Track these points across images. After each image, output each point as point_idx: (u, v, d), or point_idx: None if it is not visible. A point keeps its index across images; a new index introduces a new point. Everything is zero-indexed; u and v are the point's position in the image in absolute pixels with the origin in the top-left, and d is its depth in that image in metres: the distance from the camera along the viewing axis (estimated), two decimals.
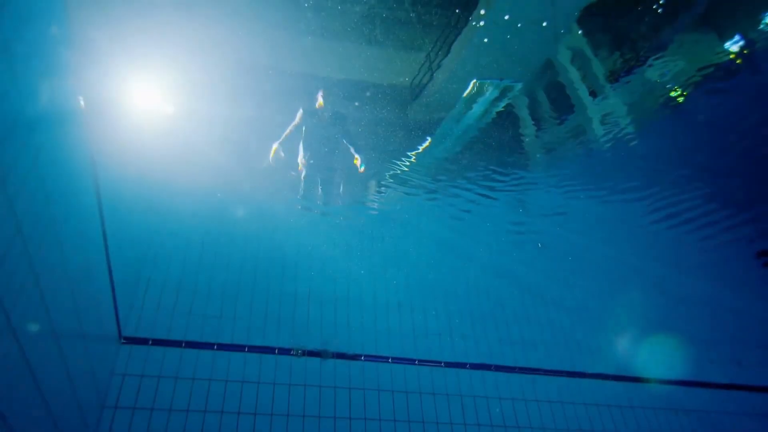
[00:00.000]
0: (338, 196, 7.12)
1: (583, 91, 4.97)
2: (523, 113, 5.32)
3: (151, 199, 4.95)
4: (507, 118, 5.36)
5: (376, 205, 7.27)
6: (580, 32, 4.29)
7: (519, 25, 4.05)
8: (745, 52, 4.20)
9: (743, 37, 4.15)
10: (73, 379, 4.42)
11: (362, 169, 5.91)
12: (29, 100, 2.66)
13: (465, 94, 4.98)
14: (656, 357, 8.83)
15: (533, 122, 5.40)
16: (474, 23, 4.28)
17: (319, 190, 7.09)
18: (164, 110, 4.40)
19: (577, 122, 5.20)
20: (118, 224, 5.02)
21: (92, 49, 3.69)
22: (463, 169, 6.19)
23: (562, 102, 5.12)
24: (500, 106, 5.17)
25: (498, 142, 5.27)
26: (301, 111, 6.49)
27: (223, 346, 6.92)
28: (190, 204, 5.10)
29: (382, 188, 7.17)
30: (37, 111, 2.79)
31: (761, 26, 4.04)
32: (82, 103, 3.70)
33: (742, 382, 9.36)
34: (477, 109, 5.17)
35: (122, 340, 6.53)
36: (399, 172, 6.65)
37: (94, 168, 4.18)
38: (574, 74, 4.86)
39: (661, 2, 3.92)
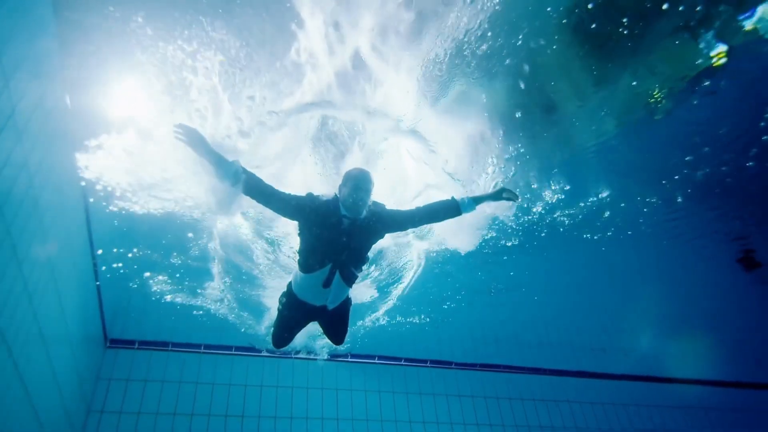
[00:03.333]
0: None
1: (568, 98, 5.04)
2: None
3: (139, 207, 4.95)
4: None
5: None
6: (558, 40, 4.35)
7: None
8: (724, 57, 4.32)
9: (724, 42, 4.27)
10: (60, 383, 4.40)
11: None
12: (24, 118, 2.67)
13: None
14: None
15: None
16: None
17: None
18: (155, 130, 4.33)
19: (560, 130, 5.26)
20: (104, 230, 5.00)
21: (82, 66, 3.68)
22: None
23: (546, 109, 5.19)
24: None
25: None
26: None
27: (210, 347, 6.92)
28: (178, 211, 5.05)
29: None
30: (31, 130, 2.79)
31: (739, 31, 4.17)
32: (67, 101, 3.71)
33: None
34: None
35: (108, 344, 6.49)
36: None
37: (80, 178, 4.18)
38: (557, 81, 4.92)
39: (625, 24, 4.01)
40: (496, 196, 3.71)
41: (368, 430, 6.86)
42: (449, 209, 3.70)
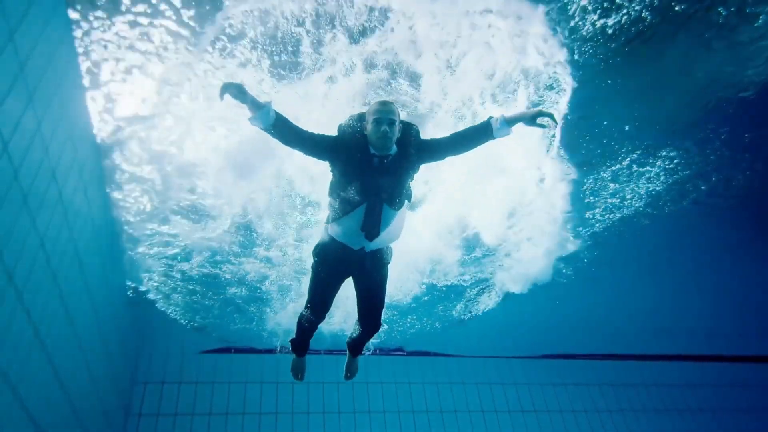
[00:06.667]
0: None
1: None
2: None
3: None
4: None
5: None
6: None
7: None
8: None
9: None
10: (98, 387, 4.54)
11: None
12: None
13: None
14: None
15: None
16: None
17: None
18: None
19: None
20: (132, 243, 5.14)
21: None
22: None
23: None
24: None
25: None
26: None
27: (239, 350, 7.05)
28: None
29: None
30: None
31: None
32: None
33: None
34: None
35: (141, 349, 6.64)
36: None
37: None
38: None
39: None
40: (532, 118, 3.28)
41: (386, 422, 6.94)
42: (482, 132, 3.40)
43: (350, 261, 3.72)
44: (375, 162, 3.37)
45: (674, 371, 8.77)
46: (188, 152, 4.65)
